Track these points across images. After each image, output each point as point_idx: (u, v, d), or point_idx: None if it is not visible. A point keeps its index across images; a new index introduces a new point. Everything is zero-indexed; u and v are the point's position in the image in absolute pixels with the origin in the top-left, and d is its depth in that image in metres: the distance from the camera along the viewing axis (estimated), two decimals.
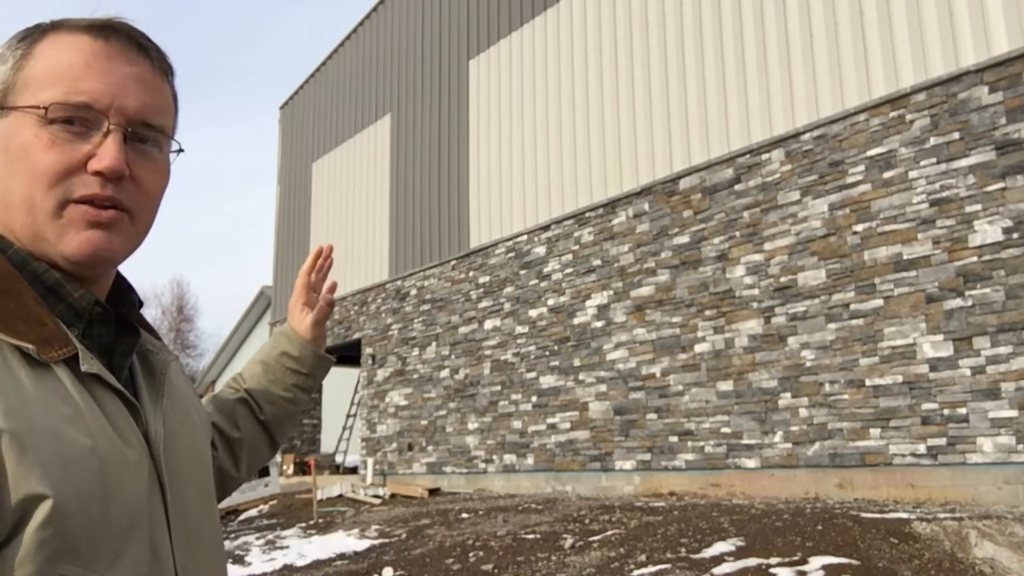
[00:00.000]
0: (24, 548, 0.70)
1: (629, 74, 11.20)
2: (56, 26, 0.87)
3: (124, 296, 0.94)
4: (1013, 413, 7.08)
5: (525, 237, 12.58)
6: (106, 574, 0.75)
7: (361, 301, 16.51)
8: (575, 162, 11.86)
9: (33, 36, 0.87)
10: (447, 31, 14.94)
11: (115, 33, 0.87)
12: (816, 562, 5.23)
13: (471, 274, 13.60)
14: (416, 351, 14.63)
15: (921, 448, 7.62)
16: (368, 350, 16.03)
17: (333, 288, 1.36)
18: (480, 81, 13.98)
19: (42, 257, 0.84)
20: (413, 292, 14.97)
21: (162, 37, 0.94)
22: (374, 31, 17.40)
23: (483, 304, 13.22)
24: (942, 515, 6.13)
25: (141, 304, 0.97)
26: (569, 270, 11.70)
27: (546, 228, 12.22)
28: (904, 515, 6.23)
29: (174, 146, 0.92)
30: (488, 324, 13.04)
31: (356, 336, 16.51)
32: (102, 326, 0.88)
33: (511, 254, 12.82)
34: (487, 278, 13.24)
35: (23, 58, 0.85)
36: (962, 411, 7.38)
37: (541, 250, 12.26)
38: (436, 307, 14.30)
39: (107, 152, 0.83)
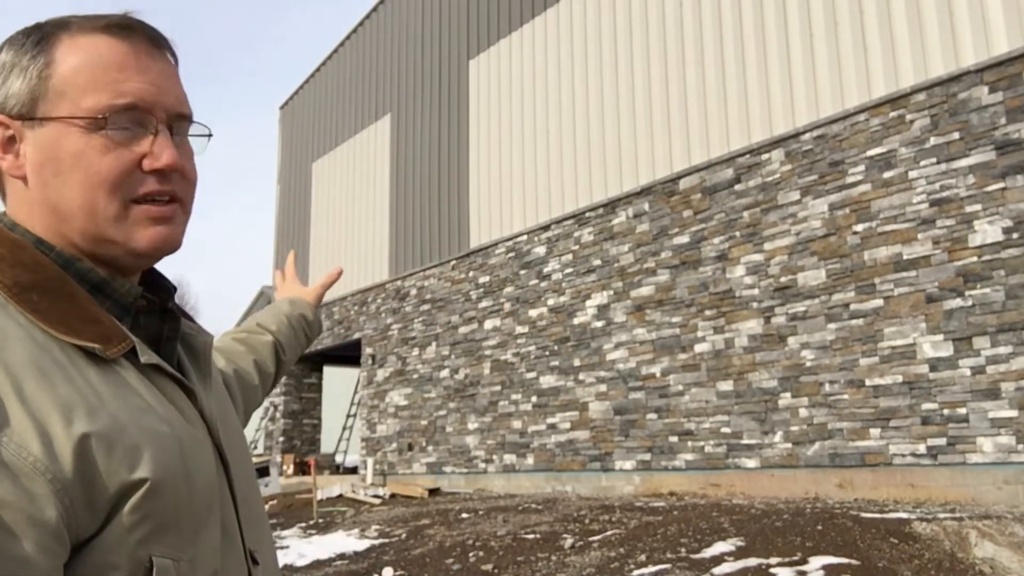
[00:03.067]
0: (115, 533, 0.72)
1: (629, 74, 11.19)
2: (64, 27, 0.85)
3: (159, 284, 0.94)
4: (1013, 413, 7.08)
5: (525, 237, 12.58)
6: (188, 552, 0.77)
7: (361, 301, 16.51)
8: (575, 162, 11.86)
9: (44, 41, 0.84)
10: (447, 31, 14.94)
11: (133, 32, 0.86)
12: (816, 562, 5.23)
13: (471, 274, 13.60)
14: (416, 351, 14.63)
15: (921, 448, 7.62)
16: (368, 350, 16.03)
17: (339, 272, 1.69)
18: (480, 81, 13.98)
19: (106, 257, 0.85)
20: (413, 292, 14.97)
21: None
22: (374, 31, 17.40)
23: (483, 304, 13.22)
24: (942, 515, 6.13)
25: (175, 290, 0.96)
26: (569, 270, 11.69)
27: (546, 228, 12.22)
28: (904, 515, 6.23)
29: (203, 130, 0.93)
30: (488, 324, 13.04)
31: (356, 336, 16.51)
32: (148, 316, 0.89)
33: (511, 254, 12.82)
34: (487, 278, 13.24)
35: (45, 66, 0.83)
36: (962, 411, 7.39)
37: (541, 250, 12.26)
38: (436, 307, 14.30)
39: (163, 151, 0.84)
